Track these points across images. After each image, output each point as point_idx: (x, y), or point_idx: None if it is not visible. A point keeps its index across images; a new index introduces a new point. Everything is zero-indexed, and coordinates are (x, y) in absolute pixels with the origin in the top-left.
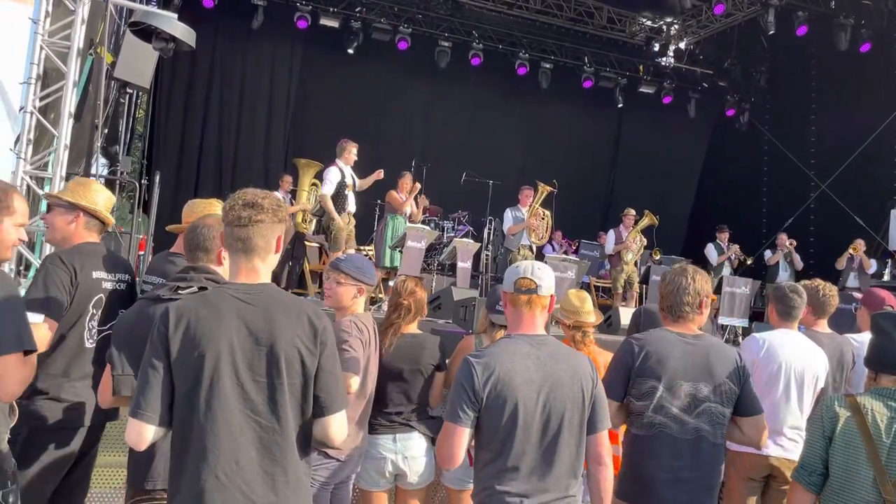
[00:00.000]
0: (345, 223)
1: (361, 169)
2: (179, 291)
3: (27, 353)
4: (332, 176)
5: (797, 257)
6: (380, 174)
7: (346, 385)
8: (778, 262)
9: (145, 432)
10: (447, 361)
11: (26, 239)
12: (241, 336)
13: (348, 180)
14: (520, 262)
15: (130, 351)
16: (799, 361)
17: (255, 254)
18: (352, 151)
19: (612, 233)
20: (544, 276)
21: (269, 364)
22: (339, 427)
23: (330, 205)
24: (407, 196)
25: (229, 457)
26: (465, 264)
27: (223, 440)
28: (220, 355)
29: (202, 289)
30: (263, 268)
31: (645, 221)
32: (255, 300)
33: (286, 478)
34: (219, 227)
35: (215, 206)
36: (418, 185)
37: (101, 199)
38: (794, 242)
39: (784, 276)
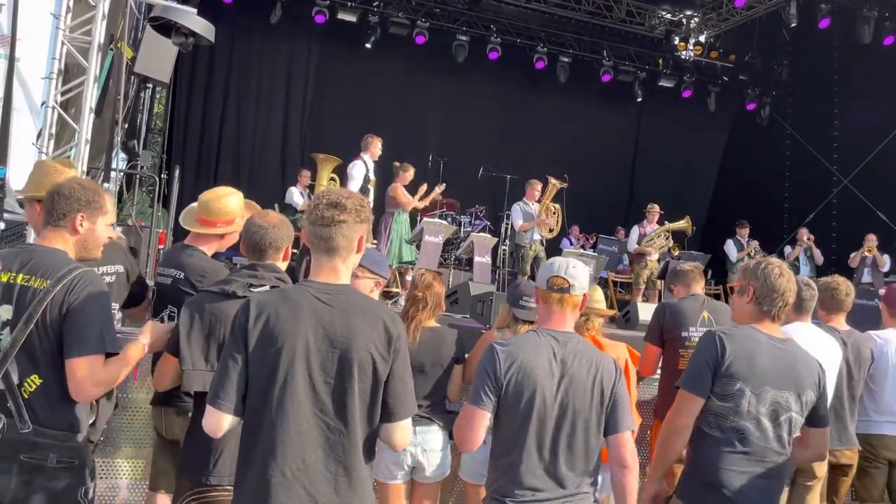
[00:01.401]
0: None
1: (378, 164)
2: (252, 289)
3: (108, 355)
4: (358, 171)
5: (817, 252)
6: (438, 191)
7: None
8: (798, 258)
9: (223, 421)
10: (466, 355)
11: (115, 236)
12: (317, 337)
13: (371, 175)
14: (555, 260)
15: (201, 346)
16: (818, 354)
17: (336, 254)
18: (377, 146)
19: (635, 228)
20: (578, 276)
21: (341, 367)
22: (404, 434)
23: None
24: (412, 197)
25: (296, 455)
26: (482, 259)
27: (292, 438)
28: (295, 354)
29: (274, 288)
30: (344, 268)
31: (681, 225)
32: (333, 301)
33: (349, 479)
34: (285, 227)
35: (227, 198)
36: (440, 190)
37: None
38: (813, 237)
39: (805, 272)
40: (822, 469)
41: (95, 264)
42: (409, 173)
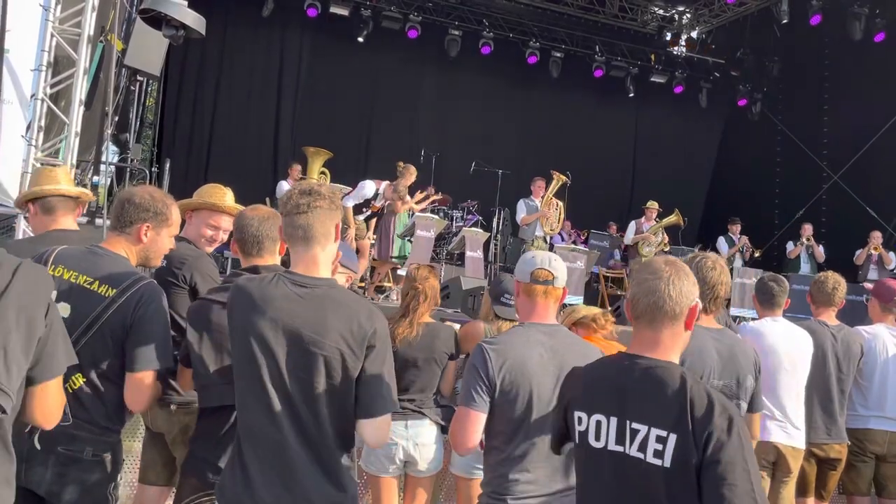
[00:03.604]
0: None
1: (371, 158)
2: None
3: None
4: (363, 192)
5: (819, 251)
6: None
7: None
8: (799, 256)
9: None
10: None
11: (174, 246)
12: (287, 330)
13: (378, 202)
14: (535, 253)
15: (214, 360)
16: (787, 347)
17: (314, 242)
18: (405, 177)
19: (632, 224)
20: (559, 268)
21: (311, 361)
22: (376, 431)
23: (350, 215)
24: (408, 199)
25: (269, 444)
26: (473, 254)
27: (266, 429)
28: (266, 346)
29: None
30: (323, 257)
31: (672, 219)
32: (308, 295)
33: (324, 471)
34: (278, 219)
35: (225, 192)
36: (432, 194)
37: (42, 177)
38: (811, 239)
39: (805, 270)
40: (797, 465)
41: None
42: (411, 175)
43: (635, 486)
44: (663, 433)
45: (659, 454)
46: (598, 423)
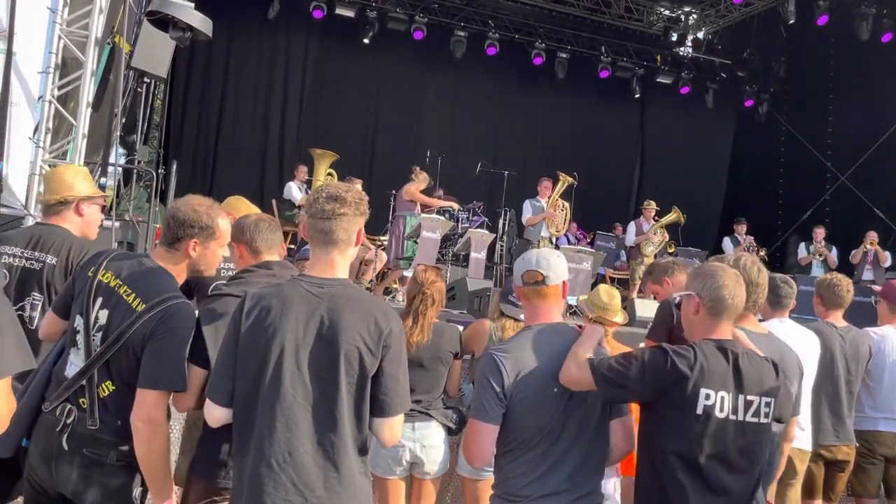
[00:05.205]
0: None
1: (377, 159)
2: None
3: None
4: None
5: (832, 257)
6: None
7: None
8: (811, 263)
9: (216, 412)
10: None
11: (229, 254)
12: (305, 329)
13: None
14: (528, 253)
15: None
16: (795, 349)
17: (335, 246)
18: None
19: (632, 224)
20: (551, 265)
21: (328, 360)
22: (392, 430)
23: None
24: (431, 200)
25: (283, 446)
26: (479, 255)
27: (278, 430)
28: (283, 346)
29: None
30: (341, 260)
31: (671, 217)
32: (325, 294)
33: (338, 473)
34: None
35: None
36: (442, 198)
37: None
38: (822, 243)
39: (819, 273)
40: (803, 466)
41: (16, 245)
42: (420, 182)
43: (745, 441)
44: (769, 399)
45: (767, 415)
46: (723, 398)
